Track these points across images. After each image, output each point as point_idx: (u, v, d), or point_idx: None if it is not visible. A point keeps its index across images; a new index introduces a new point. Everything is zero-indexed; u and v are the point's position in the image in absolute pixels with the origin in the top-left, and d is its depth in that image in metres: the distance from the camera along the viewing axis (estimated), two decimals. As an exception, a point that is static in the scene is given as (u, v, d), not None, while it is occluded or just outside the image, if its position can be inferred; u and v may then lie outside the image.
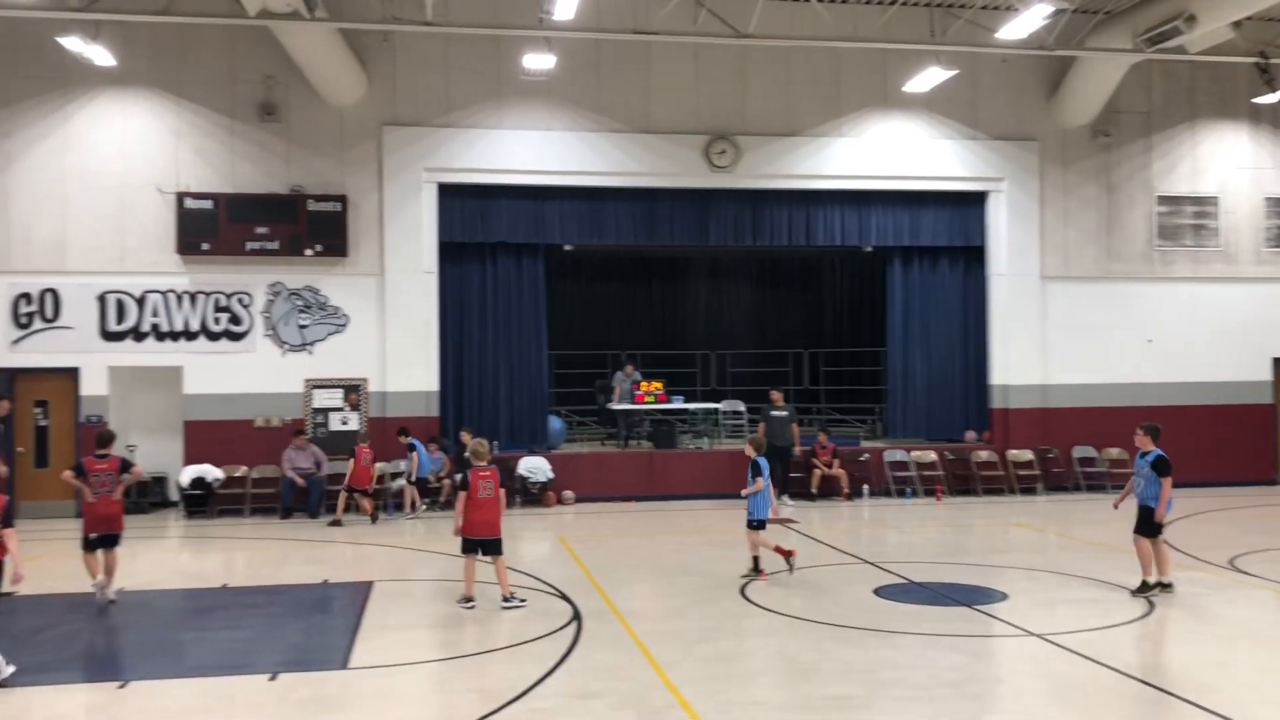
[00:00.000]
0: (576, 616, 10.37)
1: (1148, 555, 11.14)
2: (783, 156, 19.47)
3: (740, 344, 25.31)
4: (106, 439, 11.47)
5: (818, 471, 18.95)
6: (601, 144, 18.97)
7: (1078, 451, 20.15)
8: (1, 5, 15.03)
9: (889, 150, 19.81)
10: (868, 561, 13.25)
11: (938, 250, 20.66)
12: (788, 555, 12.24)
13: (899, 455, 19.78)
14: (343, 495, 16.74)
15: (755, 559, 12.27)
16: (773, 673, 8.60)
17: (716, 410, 21.09)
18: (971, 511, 18.01)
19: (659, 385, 20.01)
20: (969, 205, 20.43)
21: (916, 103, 19.60)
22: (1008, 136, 20.16)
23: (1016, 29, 16.16)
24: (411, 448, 17.39)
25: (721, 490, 18.76)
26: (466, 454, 11.95)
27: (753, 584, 11.81)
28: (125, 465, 11.34)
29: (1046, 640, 9.39)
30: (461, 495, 10.78)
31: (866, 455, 19.76)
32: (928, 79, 18.20)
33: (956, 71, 18.21)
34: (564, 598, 11.18)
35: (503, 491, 11.02)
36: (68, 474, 11.33)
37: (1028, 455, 19.96)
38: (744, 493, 12.33)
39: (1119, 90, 19.80)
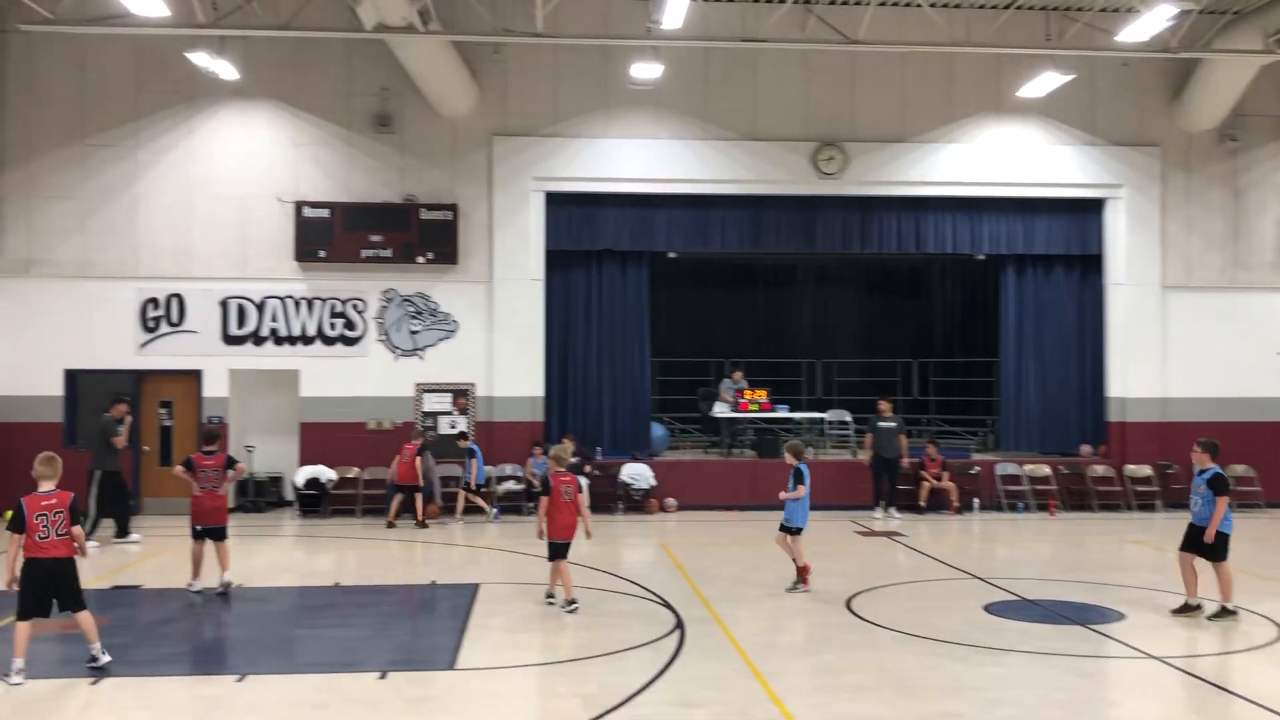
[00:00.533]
0: (679, 625, 10.36)
1: (1191, 576, 10.78)
2: (892, 163, 19.22)
3: (847, 353, 25.01)
4: (213, 436, 12.21)
5: (926, 484, 18.59)
6: (708, 151, 18.97)
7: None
8: (134, 23, 15.71)
9: (1002, 156, 19.38)
10: (977, 577, 12.95)
11: (1053, 258, 20.12)
12: (802, 572, 12.04)
13: (1011, 468, 19.30)
14: (397, 497, 16.99)
15: (801, 568, 12.13)
16: (879, 687, 8.46)
17: (822, 420, 20.87)
18: (1086, 528, 17.47)
19: (763, 394, 19.89)
20: (1086, 212, 19.86)
21: (1031, 108, 19.14)
22: (1127, 142, 19.53)
23: (1138, 31, 15.66)
24: (471, 453, 17.61)
25: (826, 501, 18.53)
26: (549, 458, 12.08)
27: (860, 596, 11.64)
28: (230, 462, 11.99)
29: (1165, 663, 9.06)
30: (544, 500, 11.01)
31: (977, 468, 19.32)
32: (1043, 84, 17.76)
33: (1073, 76, 17.73)
34: (667, 605, 11.18)
35: (583, 496, 11.31)
36: (178, 469, 12.01)
37: (1146, 470, 19.28)
38: (782, 496, 12.16)
39: (1247, 93, 19.00)
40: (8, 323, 17.84)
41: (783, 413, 20.09)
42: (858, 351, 25.13)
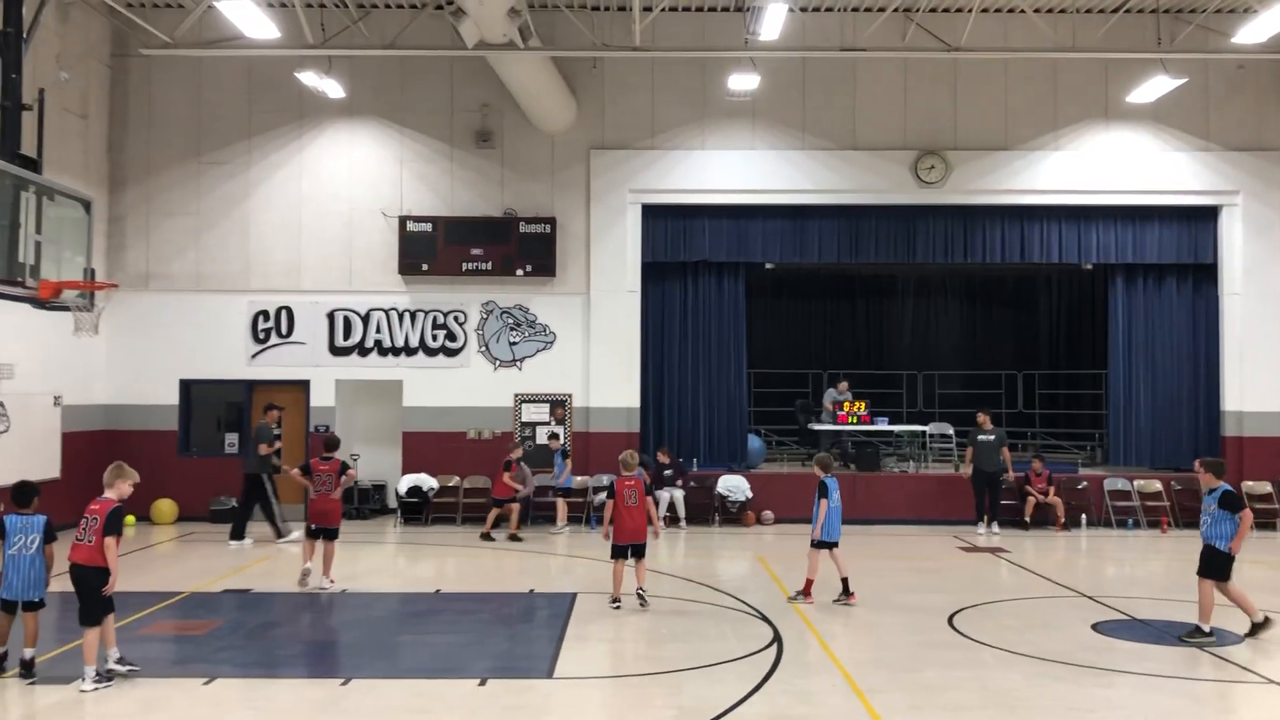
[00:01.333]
0: (776, 638, 10.28)
1: (1209, 602, 10.36)
2: (995, 171, 18.85)
3: (948, 364, 24.57)
4: (332, 444, 12.99)
5: (1032, 499, 18.13)
6: (806, 162, 18.86)
7: (1327, 485, 18.54)
8: (247, 45, 16.28)
9: (1110, 163, 18.86)
10: (1085, 595, 12.58)
11: (1164, 267, 19.48)
12: (808, 587, 11.95)
13: (1121, 484, 18.71)
14: (493, 511, 17.13)
15: (844, 580, 11.97)
16: (982, 707, 8.27)
17: (923, 433, 20.54)
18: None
19: (862, 405, 19.65)
20: (1199, 220, 19.19)
21: (1141, 113, 18.60)
22: (1244, 147, 18.83)
23: (1255, 32, 15.09)
24: (564, 454, 17.90)
25: (928, 516, 18.28)
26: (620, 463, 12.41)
27: (962, 613, 11.41)
28: (343, 468, 12.75)
29: (1288, 689, 8.68)
30: (609, 503, 11.59)
31: (1085, 483, 18.79)
32: (1154, 88, 17.24)
33: (1185, 80, 17.18)
34: (764, 619, 11.11)
35: (650, 499, 11.83)
36: (295, 472, 12.97)
37: (1266, 488, 18.50)
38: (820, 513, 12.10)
39: (1374, 93, 18.20)
40: (128, 334, 18.58)
41: (882, 425, 19.81)
42: (960, 363, 24.66)
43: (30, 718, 7.93)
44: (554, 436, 18.22)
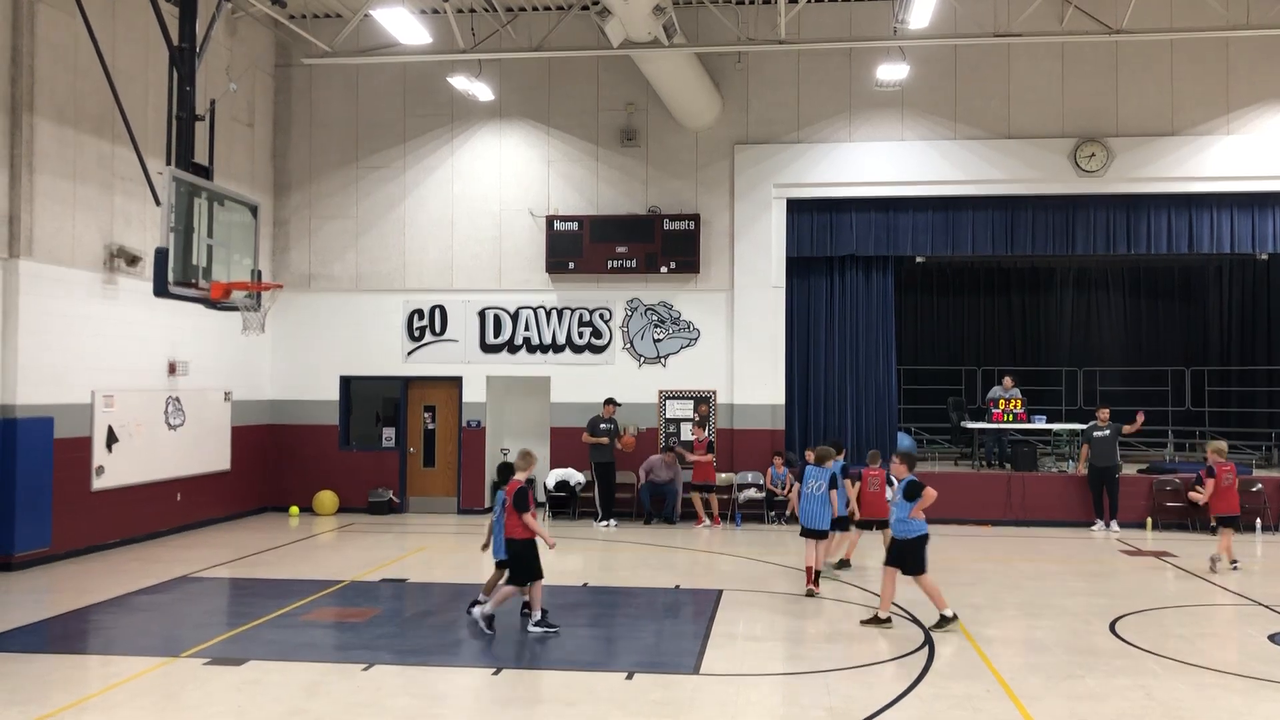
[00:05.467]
0: (928, 641, 10.04)
1: (891, 589, 10.67)
2: (1160, 158, 17.96)
3: (1110, 360, 23.55)
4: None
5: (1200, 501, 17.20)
6: (957, 152, 18.35)
7: None
8: (402, 52, 16.81)
9: (1289, 146, 17.75)
10: (1261, 603, 11.88)
11: (1349, 256, 18.25)
12: (815, 575, 12.18)
13: (1298, 486, 17.61)
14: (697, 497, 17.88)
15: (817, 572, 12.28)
16: (1146, 717, 7.89)
17: (1086, 431, 19.71)
18: None
19: (1019, 403, 19.01)
20: (1390, 204, 17.90)
21: (1324, 91, 17.44)
22: None
23: None
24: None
25: (1088, 518, 17.57)
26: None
27: (1125, 619, 10.91)
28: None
29: None
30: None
31: (1259, 485, 17.74)
32: (1338, 64, 16.15)
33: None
34: (915, 621, 10.86)
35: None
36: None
37: None
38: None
39: None
40: (292, 333, 19.42)
41: (1040, 424, 19.12)
42: (1122, 359, 23.61)
43: (205, 695, 8.35)
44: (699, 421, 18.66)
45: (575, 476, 18.53)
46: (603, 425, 17.95)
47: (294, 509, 19.05)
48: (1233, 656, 9.53)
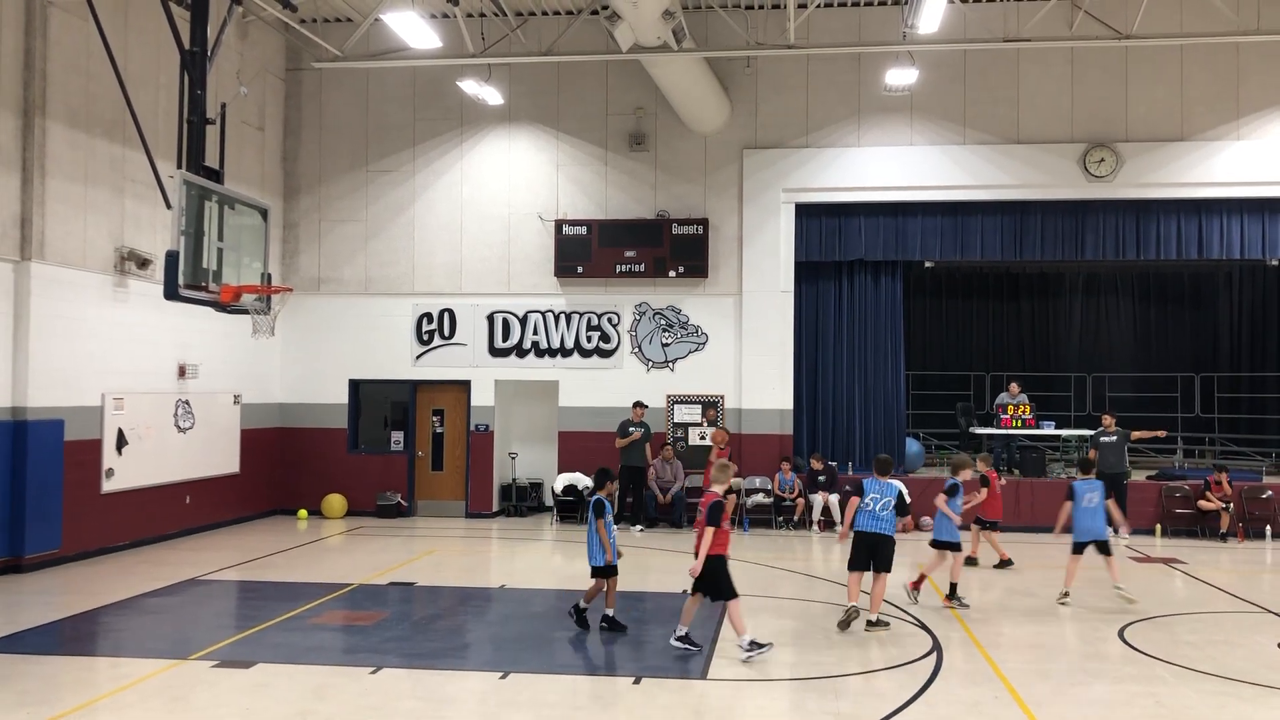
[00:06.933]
0: (936, 647, 10.02)
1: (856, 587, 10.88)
2: (1170, 163, 17.93)
3: (1119, 366, 23.49)
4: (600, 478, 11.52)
5: (1214, 509, 17.16)
6: (966, 157, 18.34)
7: None
8: (411, 55, 16.86)
9: (1300, 151, 17.70)
10: (1271, 611, 11.84)
11: (1360, 262, 18.19)
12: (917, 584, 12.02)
13: (1310, 494, 17.54)
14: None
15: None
16: (1156, 725, 7.88)
17: (1092, 437, 19.66)
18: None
19: (1027, 409, 18.97)
20: (1402, 210, 17.83)
21: (1335, 97, 17.39)
22: None
23: None
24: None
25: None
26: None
27: (1134, 626, 10.88)
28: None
29: None
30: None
31: (1269, 493, 17.67)
32: (1349, 69, 16.10)
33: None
34: (923, 627, 10.84)
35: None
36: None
37: None
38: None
39: None
40: (301, 336, 19.47)
41: (1048, 429, 19.08)
42: (1132, 365, 23.55)
43: (213, 697, 8.37)
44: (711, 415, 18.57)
45: (583, 481, 18.52)
46: (632, 428, 17.97)
47: (302, 512, 19.09)
48: (1242, 664, 9.50)
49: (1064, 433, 19.41)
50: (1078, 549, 12.26)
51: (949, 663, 9.46)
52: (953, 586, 12.08)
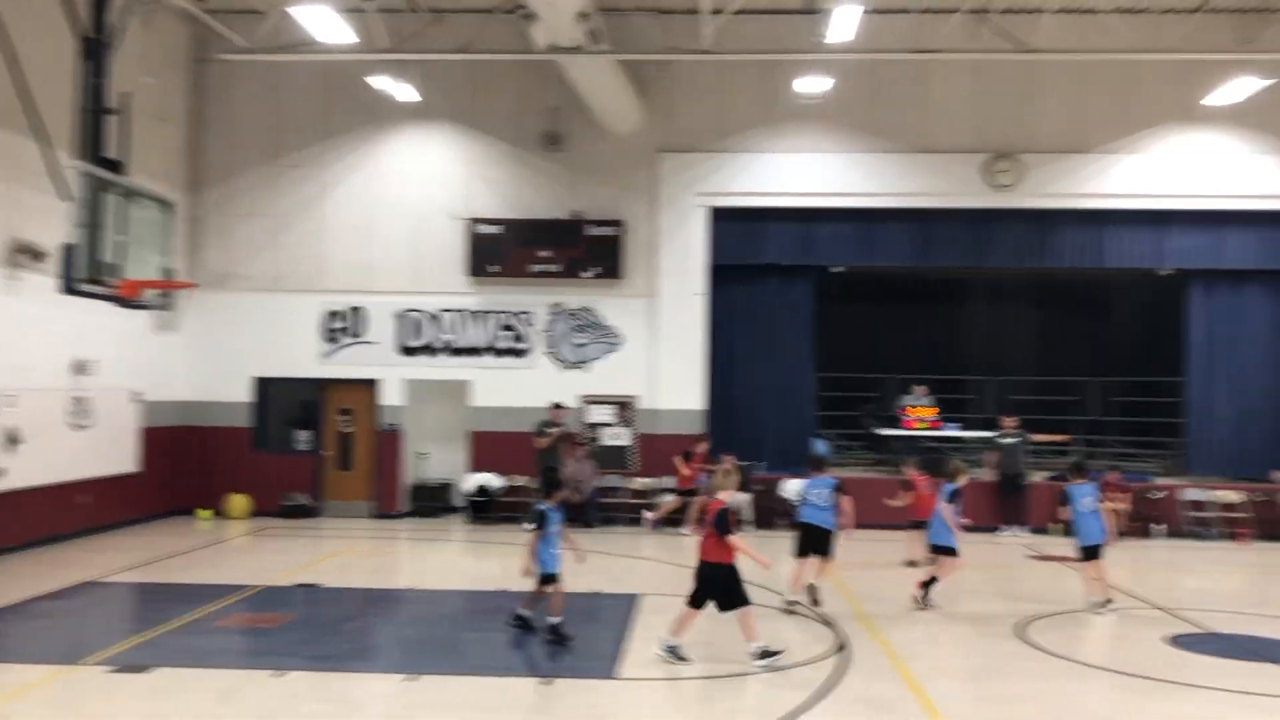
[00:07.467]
0: (841, 645, 10.19)
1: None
2: (1070, 174, 18.52)
3: (1021, 370, 24.12)
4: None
5: (1111, 508, 17.75)
6: (875, 164, 18.69)
7: None
8: (322, 50, 16.55)
9: (1190, 166, 18.41)
10: (1160, 607, 12.30)
11: (1245, 273, 19.00)
12: (809, 589, 11.96)
13: (1197, 494, 18.25)
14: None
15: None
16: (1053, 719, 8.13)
17: (992, 439, 20.19)
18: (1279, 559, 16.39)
19: (932, 411, 19.40)
20: (1284, 225, 18.67)
21: (1224, 115, 18.12)
22: (1333, 149, 18.28)
23: (1345, 30, 14.65)
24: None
25: (995, 523, 17.99)
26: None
27: (1033, 624, 11.21)
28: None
29: (1374, 709, 8.39)
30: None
31: (1160, 493, 18.35)
32: (1237, 90, 16.82)
33: (1273, 81, 16.70)
34: (827, 624, 11.02)
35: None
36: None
37: (1351, 501, 17.93)
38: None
39: None
40: (206, 332, 18.99)
41: (952, 431, 19.54)
42: (1033, 369, 24.21)
43: (108, 704, 8.14)
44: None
45: (495, 481, 18.42)
46: (550, 429, 17.83)
47: (205, 512, 18.63)
48: (1136, 659, 9.85)
49: (966, 434, 19.90)
50: (1091, 553, 12.06)
51: (855, 661, 9.62)
52: (931, 580, 12.06)
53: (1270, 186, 18.36)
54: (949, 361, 24.50)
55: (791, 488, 18.21)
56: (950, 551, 12.12)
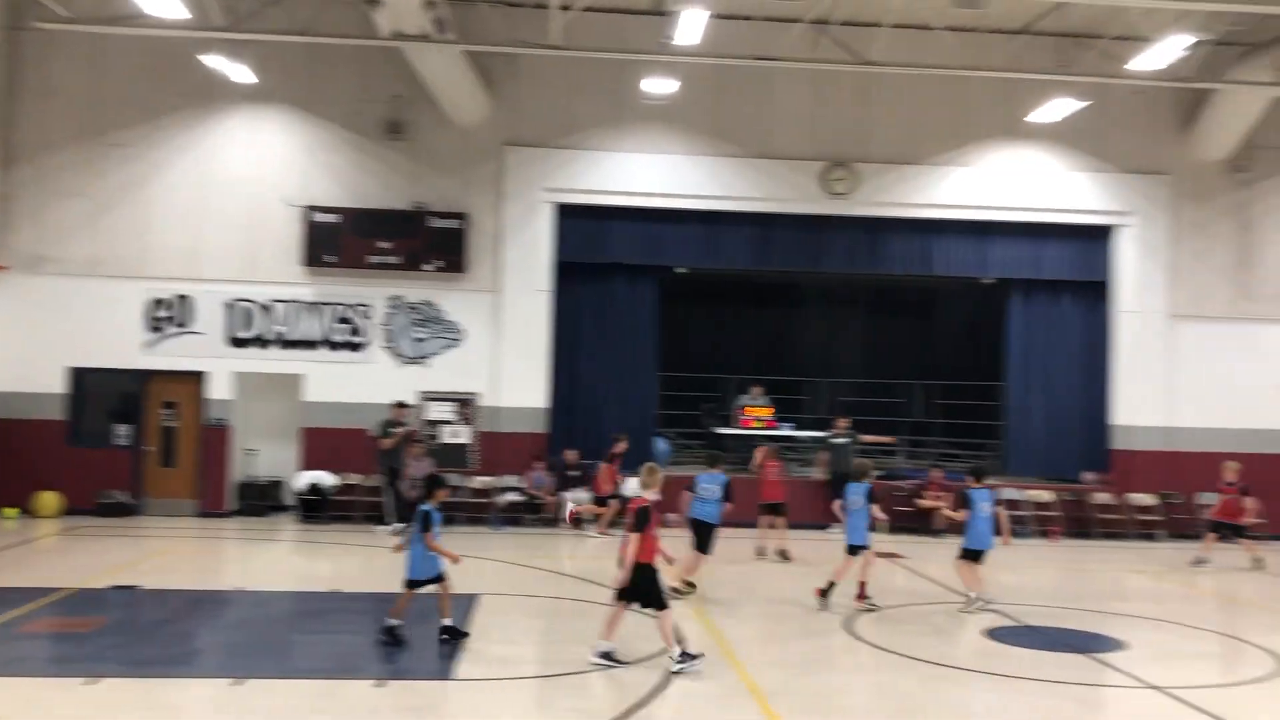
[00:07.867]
0: (679, 639, 10.29)
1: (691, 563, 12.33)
2: (902, 184, 19.24)
3: (852, 373, 24.94)
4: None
5: (930, 507, 18.50)
6: (719, 168, 19.00)
7: (1204, 498, 19.26)
8: (150, 24, 15.73)
9: (1013, 181, 19.40)
10: (980, 600, 12.87)
11: (1060, 284, 20.13)
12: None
13: (1012, 493, 19.20)
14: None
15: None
16: (879, 711, 8.43)
17: (824, 438, 20.80)
18: (1088, 555, 17.41)
19: (768, 411, 19.85)
20: (1095, 239, 19.85)
21: (1043, 133, 19.14)
22: (1138, 170, 19.53)
23: (1151, 60, 15.66)
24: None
25: (827, 520, 18.50)
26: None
27: (858, 618, 11.58)
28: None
29: (1167, 694, 8.99)
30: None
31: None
32: (1056, 110, 17.78)
33: (1088, 103, 17.73)
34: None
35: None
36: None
37: (1149, 499, 19.20)
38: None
39: (1259, 124, 18.97)
40: (16, 319, 17.83)
41: (787, 430, 20.04)
42: (862, 371, 25.06)
43: (-101, 718, 7.55)
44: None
45: (328, 479, 17.90)
46: (393, 429, 17.25)
47: (11, 510, 17.45)
48: (956, 651, 10.30)
49: (800, 434, 20.44)
50: (976, 556, 12.36)
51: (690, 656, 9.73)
52: (861, 585, 12.11)
53: (1084, 202, 19.51)
54: (785, 363, 25.14)
55: (631, 486, 18.40)
56: (862, 549, 12.24)
